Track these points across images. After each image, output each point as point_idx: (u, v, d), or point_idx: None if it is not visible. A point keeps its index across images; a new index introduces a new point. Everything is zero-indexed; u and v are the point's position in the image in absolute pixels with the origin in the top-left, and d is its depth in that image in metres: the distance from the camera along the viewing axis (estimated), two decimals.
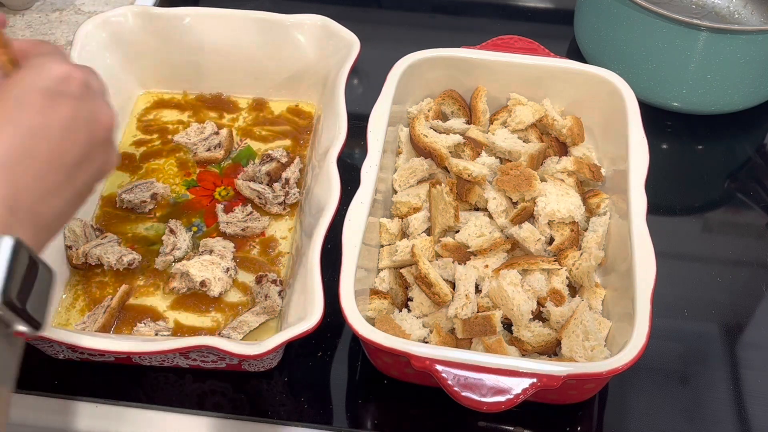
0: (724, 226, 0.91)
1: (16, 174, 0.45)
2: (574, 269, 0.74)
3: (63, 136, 0.48)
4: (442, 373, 0.61)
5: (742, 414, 0.73)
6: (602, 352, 0.68)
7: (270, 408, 0.72)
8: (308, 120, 0.93)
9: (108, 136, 0.52)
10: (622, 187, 0.76)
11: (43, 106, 0.48)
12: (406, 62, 0.85)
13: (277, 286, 0.76)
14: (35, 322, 0.46)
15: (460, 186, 0.79)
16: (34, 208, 0.46)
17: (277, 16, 0.91)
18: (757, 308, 0.82)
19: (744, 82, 0.95)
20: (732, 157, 0.98)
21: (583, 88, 0.86)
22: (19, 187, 0.45)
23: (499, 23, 1.14)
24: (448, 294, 0.71)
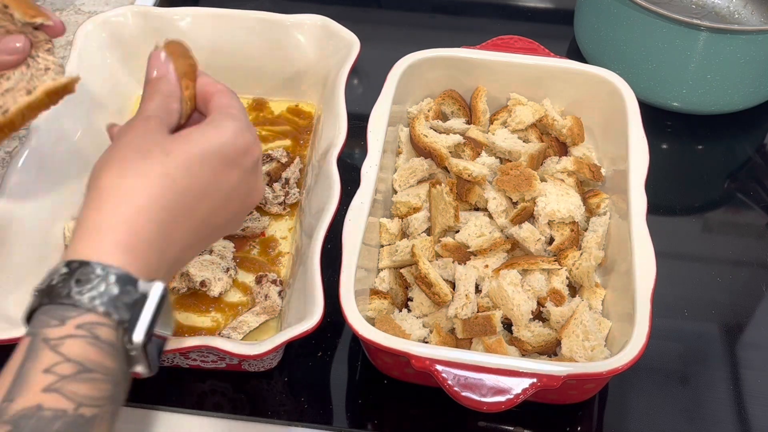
0: (724, 226, 0.91)
1: (175, 228, 0.48)
2: (574, 269, 0.74)
3: (222, 202, 0.52)
4: (442, 373, 0.61)
5: (742, 414, 0.73)
6: (602, 352, 0.68)
7: (270, 408, 0.72)
8: (308, 120, 0.93)
9: (251, 208, 0.56)
10: (622, 187, 0.76)
11: (219, 171, 0.51)
12: (406, 62, 0.85)
13: (277, 286, 0.76)
14: (152, 367, 0.47)
15: (460, 186, 0.79)
16: (177, 257, 0.50)
17: (277, 16, 0.91)
18: (757, 308, 0.82)
19: (744, 82, 0.95)
20: (732, 157, 0.98)
21: (583, 88, 0.86)
22: (173, 239, 0.49)
23: (499, 23, 1.14)
24: (448, 294, 0.71)
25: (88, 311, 0.43)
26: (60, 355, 0.42)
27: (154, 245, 0.47)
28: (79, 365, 0.42)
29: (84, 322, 0.43)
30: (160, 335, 0.47)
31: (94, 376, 0.42)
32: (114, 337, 0.44)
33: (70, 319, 0.43)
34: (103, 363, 0.43)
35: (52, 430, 0.40)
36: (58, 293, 0.44)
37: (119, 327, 0.44)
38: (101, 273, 0.44)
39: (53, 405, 0.40)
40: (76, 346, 0.42)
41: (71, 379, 0.42)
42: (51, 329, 0.43)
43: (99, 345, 0.43)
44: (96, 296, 0.44)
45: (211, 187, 0.51)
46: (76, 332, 0.43)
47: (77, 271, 0.44)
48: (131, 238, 0.46)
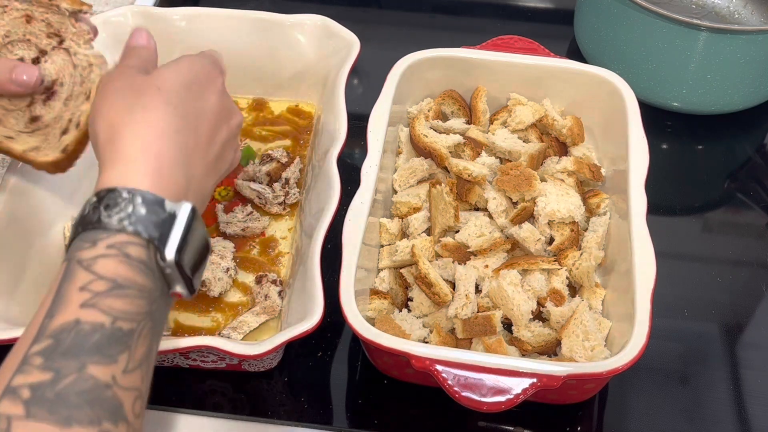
0: (724, 226, 0.91)
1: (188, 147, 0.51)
2: (574, 269, 0.74)
3: (214, 121, 0.54)
4: (442, 373, 0.61)
5: (742, 414, 0.73)
6: (602, 352, 0.68)
7: (270, 408, 0.72)
8: (308, 120, 0.93)
9: (237, 133, 0.59)
10: (622, 187, 0.76)
11: (200, 91, 0.54)
12: (406, 62, 0.85)
13: (277, 286, 0.76)
14: (191, 287, 0.49)
15: (460, 186, 0.79)
16: (200, 183, 0.52)
17: (277, 16, 0.91)
18: (757, 308, 0.82)
19: (744, 82, 0.95)
20: (732, 157, 0.98)
21: (583, 88, 0.86)
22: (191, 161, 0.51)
23: (499, 23, 1.14)
24: (448, 294, 0.71)
25: (118, 232, 0.46)
26: (93, 273, 0.44)
27: (178, 167, 0.50)
28: (112, 282, 0.44)
29: (114, 242, 0.45)
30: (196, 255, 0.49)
31: (127, 292, 0.44)
32: (145, 255, 0.46)
33: (101, 241, 0.45)
34: (135, 279, 0.45)
35: (90, 342, 0.42)
36: (89, 220, 0.46)
37: (149, 245, 0.46)
38: (127, 196, 0.46)
39: (90, 319, 0.43)
40: (108, 264, 0.45)
41: (106, 294, 0.44)
42: (84, 251, 0.45)
43: (130, 263, 0.45)
44: (124, 217, 0.46)
45: (201, 108, 0.54)
46: (108, 252, 0.45)
47: (105, 197, 0.47)
48: (155, 162, 0.48)
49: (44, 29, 0.64)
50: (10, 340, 0.63)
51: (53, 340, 0.42)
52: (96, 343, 0.42)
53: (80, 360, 0.41)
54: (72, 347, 0.42)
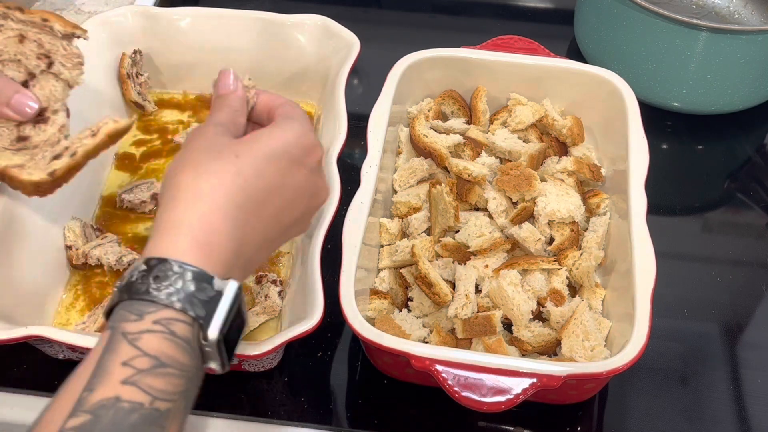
0: (724, 226, 0.91)
1: (247, 226, 0.50)
2: (574, 269, 0.74)
3: (290, 201, 0.53)
4: (442, 373, 0.61)
5: (742, 414, 0.73)
6: (602, 352, 0.68)
7: (270, 408, 0.72)
8: None
9: (316, 210, 0.58)
10: (622, 187, 0.76)
11: (286, 170, 0.52)
12: (406, 62, 0.85)
13: (277, 287, 0.76)
14: (225, 364, 0.49)
15: (460, 186, 0.79)
16: (250, 259, 0.51)
17: (277, 16, 0.91)
18: (757, 308, 0.82)
19: (744, 82, 0.95)
20: (732, 157, 0.98)
21: (583, 88, 0.86)
22: (246, 239, 0.50)
23: (499, 23, 1.14)
24: (448, 294, 0.71)
25: (166, 307, 0.45)
26: (137, 349, 0.43)
27: (229, 243, 0.48)
28: (156, 360, 0.43)
29: (161, 318, 0.45)
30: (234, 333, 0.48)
31: (169, 371, 0.43)
32: (189, 334, 0.45)
33: (148, 314, 0.44)
34: (177, 358, 0.44)
35: (129, 422, 0.41)
36: (137, 289, 0.45)
37: (194, 323, 0.45)
38: (179, 270, 0.45)
39: (130, 397, 0.42)
40: (153, 340, 0.44)
41: (148, 373, 0.43)
42: (129, 323, 0.44)
43: (175, 341, 0.44)
44: (173, 292, 0.45)
45: (279, 185, 0.52)
46: (154, 327, 0.44)
47: (155, 267, 0.46)
48: (208, 236, 0.47)
49: (35, 50, 0.64)
50: (10, 340, 0.64)
51: (92, 416, 0.41)
52: (133, 424, 0.41)
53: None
54: (110, 426, 0.41)
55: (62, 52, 0.64)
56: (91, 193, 0.85)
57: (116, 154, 0.89)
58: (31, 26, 0.64)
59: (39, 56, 0.63)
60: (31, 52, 0.63)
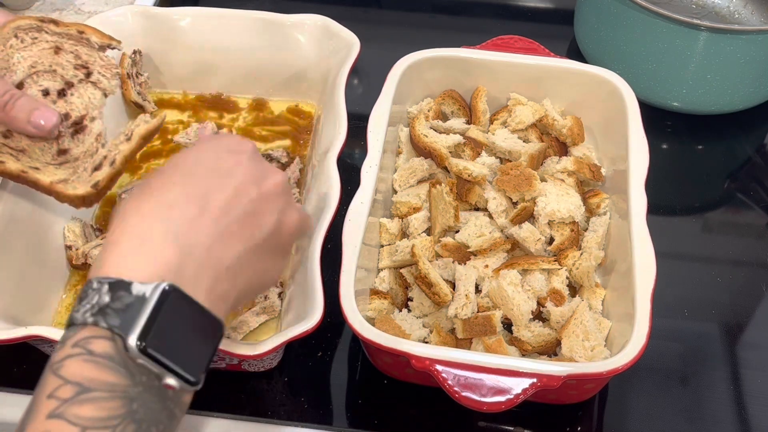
0: (724, 226, 0.91)
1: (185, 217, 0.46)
2: (574, 269, 0.74)
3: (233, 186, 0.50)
4: (442, 373, 0.61)
5: (742, 414, 0.73)
6: (602, 352, 0.68)
7: (270, 408, 0.72)
8: (308, 120, 0.93)
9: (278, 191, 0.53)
10: (622, 187, 0.76)
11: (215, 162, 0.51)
12: (406, 62, 0.85)
13: (277, 288, 0.76)
14: (188, 377, 0.44)
15: (460, 186, 0.79)
16: (209, 250, 0.47)
17: (277, 16, 0.91)
18: (757, 308, 0.82)
19: (744, 82, 0.95)
20: (732, 157, 0.98)
21: (583, 88, 0.86)
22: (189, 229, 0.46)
23: (499, 23, 1.14)
24: (448, 294, 0.71)
25: (82, 326, 0.42)
26: (60, 378, 0.41)
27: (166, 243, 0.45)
28: (78, 386, 0.41)
29: (79, 339, 0.42)
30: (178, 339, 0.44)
31: (95, 395, 0.40)
32: (111, 349, 0.42)
33: (69, 339, 0.42)
34: (102, 379, 0.41)
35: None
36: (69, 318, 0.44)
37: (114, 336, 0.42)
38: (97, 286, 0.43)
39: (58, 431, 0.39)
40: (74, 365, 0.41)
41: (72, 401, 0.40)
42: (56, 353, 0.42)
43: (95, 360, 0.41)
44: (88, 309, 0.42)
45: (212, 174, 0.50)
46: (73, 351, 0.42)
47: (81, 291, 0.44)
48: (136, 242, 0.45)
49: (72, 60, 0.65)
50: (11, 340, 0.64)
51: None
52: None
53: None
54: None
55: (100, 62, 0.66)
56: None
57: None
58: (67, 38, 0.65)
59: (77, 67, 0.64)
60: (68, 63, 0.64)
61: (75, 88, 0.64)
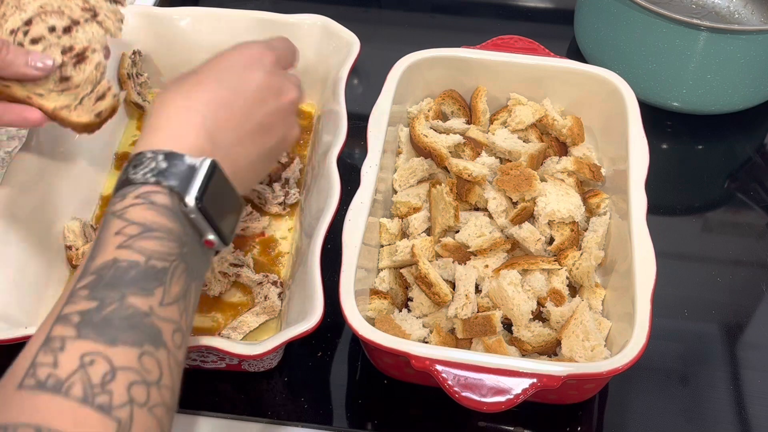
0: (724, 226, 0.91)
1: (217, 117, 0.55)
2: (574, 269, 0.74)
3: (255, 97, 0.58)
4: (442, 373, 0.61)
5: (742, 414, 0.73)
6: (602, 352, 0.68)
7: (270, 408, 0.72)
8: (308, 120, 0.93)
9: (291, 109, 0.62)
10: (622, 187, 0.76)
11: (242, 72, 0.59)
12: (406, 62, 0.85)
13: (277, 288, 0.76)
14: (223, 236, 0.53)
15: (460, 186, 0.79)
16: (230, 149, 0.56)
17: (277, 16, 0.91)
18: (757, 308, 0.82)
19: (744, 82, 0.95)
20: (732, 157, 0.98)
21: (583, 88, 0.86)
22: (218, 127, 0.55)
23: (499, 23, 1.14)
24: (448, 294, 0.71)
25: (143, 184, 0.50)
26: (125, 220, 0.49)
27: (200, 132, 0.54)
28: (143, 226, 0.49)
29: (141, 193, 0.50)
30: (222, 206, 0.53)
31: (157, 234, 0.49)
32: (169, 202, 0.50)
33: (130, 194, 0.50)
34: (163, 223, 0.49)
35: (129, 276, 0.46)
36: (121, 181, 0.52)
37: (172, 193, 0.50)
38: (151, 155, 0.51)
39: (127, 257, 0.47)
40: (137, 211, 0.49)
41: (138, 237, 0.48)
42: (116, 204, 0.50)
43: (156, 208, 0.50)
44: (147, 172, 0.51)
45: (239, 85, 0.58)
46: (136, 201, 0.50)
47: (133, 160, 0.52)
48: (178, 129, 0.54)
49: (80, 3, 0.68)
50: (11, 340, 0.64)
51: (96, 275, 0.47)
52: (133, 278, 0.46)
53: (120, 291, 0.46)
54: (112, 281, 0.46)
55: (107, 7, 0.70)
56: (91, 193, 0.85)
57: (116, 154, 0.89)
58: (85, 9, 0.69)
59: (84, 9, 0.69)
60: (76, 5, 0.68)
61: (81, 25, 0.68)
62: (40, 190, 0.76)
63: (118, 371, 0.43)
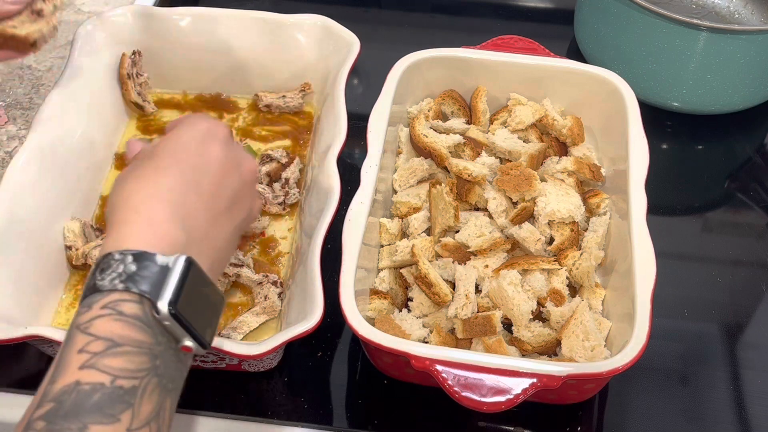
0: (724, 226, 0.91)
1: (186, 202, 0.52)
2: (574, 269, 0.74)
3: (219, 172, 0.55)
4: (442, 373, 0.61)
5: (742, 414, 0.73)
6: (602, 352, 0.68)
7: (270, 408, 0.72)
8: (308, 120, 0.93)
9: (253, 180, 0.60)
10: (622, 187, 0.76)
11: (200, 148, 0.55)
12: (406, 62, 0.85)
13: (277, 288, 0.76)
14: (201, 340, 0.49)
15: (460, 186, 0.79)
16: (207, 233, 0.53)
17: (277, 16, 0.91)
18: (757, 308, 0.82)
19: (744, 82, 0.95)
20: (732, 157, 0.98)
21: (583, 88, 0.86)
22: (189, 213, 0.52)
23: (499, 23, 1.14)
24: (448, 294, 0.71)
25: (111, 291, 0.47)
26: (89, 335, 0.45)
27: (173, 223, 0.50)
28: (109, 341, 0.45)
29: (108, 302, 0.46)
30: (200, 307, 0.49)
31: (125, 350, 0.45)
32: (139, 311, 0.46)
33: (96, 303, 0.46)
34: (132, 336, 0.45)
35: (91, 402, 0.42)
36: (88, 286, 0.48)
37: (142, 300, 0.47)
38: (119, 257, 0.47)
39: (90, 379, 0.43)
40: (103, 324, 0.45)
41: (103, 354, 0.44)
42: (81, 316, 0.46)
43: (124, 320, 0.46)
44: (115, 277, 0.47)
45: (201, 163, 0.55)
46: (102, 312, 0.46)
47: (101, 263, 0.48)
48: (146, 222, 0.50)
49: None
50: (10, 340, 0.64)
51: (55, 403, 0.43)
52: (96, 403, 0.43)
53: (81, 421, 0.42)
54: (73, 409, 0.42)
55: None
56: (91, 193, 0.84)
57: (116, 154, 0.89)
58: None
59: None
60: None
61: None
62: (40, 190, 0.76)
63: None
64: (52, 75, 1.01)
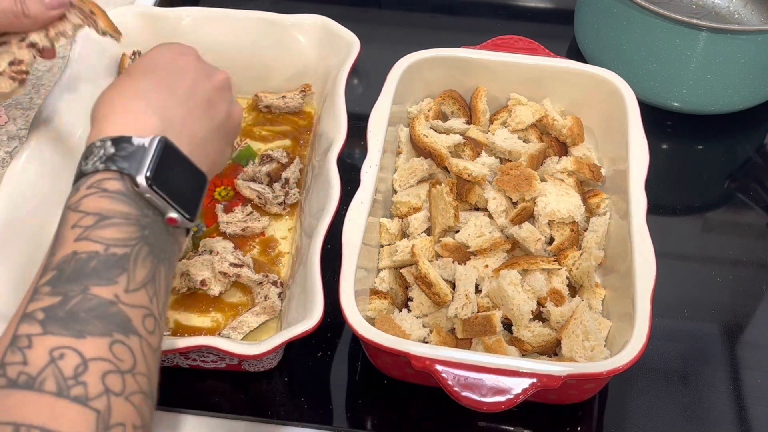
0: (724, 226, 0.91)
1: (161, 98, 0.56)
2: (574, 269, 0.74)
3: (192, 77, 0.59)
4: (442, 373, 0.61)
5: (742, 414, 0.73)
6: (602, 352, 0.68)
7: (270, 408, 0.72)
8: (308, 120, 0.93)
9: (227, 85, 0.63)
10: (622, 187, 0.76)
11: (173, 60, 0.60)
12: (406, 62, 0.85)
13: (277, 288, 0.76)
14: (187, 212, 0.53)
15: (460, 186, 0.79)
16: (183, 123, 0.56)
17: (277, 16, 0.91)
18: (757, 308, 0.82)
19: (744, 82, 0.95)
20: (732, 157, 0.98)
21: (583, 88, 0.86)
22: (166, 106, 0.55)
23: (499, 23, 1.14)
24: (448, 294, 0.71)
25: (94, 173, 0.51)
26: (80, 212, 0.49)
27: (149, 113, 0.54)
28: (98, 215, 0.49)
29: (92, 182, 0.51)
30: (180, 181, 0.53)
31: (114, 221, 0.49)
32: (122, 186, 0.50)
33: (83, 185, 0.51)
34: (118, 209, 0.50)
35: (90, 267, 0.47)
36: (76, 175, 0.52)
37: (123, 177, 0.51)
38: (99, 144, 0.52)
39: (85, 249, 0.48)
40: (91, 201, 0.50)
41: (94, 227, 0.48)
42: (71, 198, 0.51)
43: (109, 195, 0.50)
44: (96, 160, 0.51)
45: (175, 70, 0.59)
46: (88, 191, 0.50)
47: (84, 153, 0.53)
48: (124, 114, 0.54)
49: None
50: None
51: (57, 271, 0.47)
52: (94, 268, 0.47)
53: (82, 283, 0.46)
54: (73, 274, 0.46)
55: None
56: None
57: None
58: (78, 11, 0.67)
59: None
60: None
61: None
62: (40, 190, 0.76)
63: (89, 362, 0.43)
64: (52, 75, 1.01)
